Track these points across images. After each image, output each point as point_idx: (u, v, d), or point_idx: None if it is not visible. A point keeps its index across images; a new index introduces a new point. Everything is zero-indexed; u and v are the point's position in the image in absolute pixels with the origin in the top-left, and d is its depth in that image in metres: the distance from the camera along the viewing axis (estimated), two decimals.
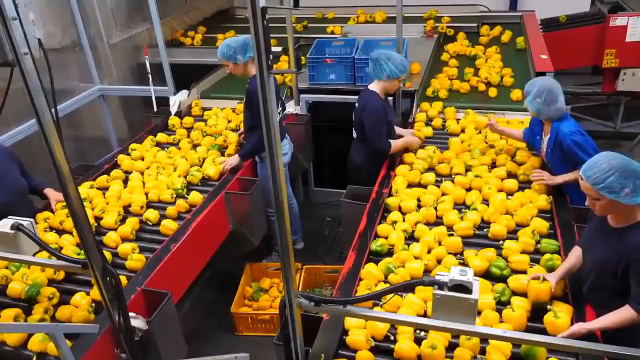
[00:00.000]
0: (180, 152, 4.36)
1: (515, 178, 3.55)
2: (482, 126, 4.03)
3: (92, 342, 2.53)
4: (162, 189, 3.77)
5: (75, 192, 2.16)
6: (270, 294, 4.38)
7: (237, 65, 3.95)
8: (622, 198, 2.14)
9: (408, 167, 3.79)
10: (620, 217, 2.29)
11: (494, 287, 2.66)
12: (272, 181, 1.83)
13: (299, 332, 2.21)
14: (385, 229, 3.16)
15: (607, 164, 2.17)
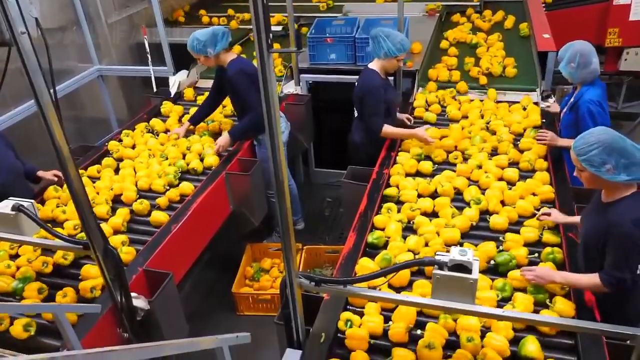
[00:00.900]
0: (170, 140, 4.21)
1: (516, 167, 3.44)
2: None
3: (95, 322, 2.55)
4: (154, 178, 3.68)
5: (75, 172, 2.17)
6: (271, 274, 4.41)
7: (209, 58, 3.93)
8: (603, 173, 2.18)
9: (407, 154, 3.71)
10: (608, 192, 2.33)
11: (494, 282, 2.56)
12: (272, 161, 1.83)
13: (300, 312, 2.23)
14: (382, 220, 3.07)
15: (594, 137, 2.20)
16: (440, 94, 4.50)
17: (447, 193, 3.23)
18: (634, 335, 1.80)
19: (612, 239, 2.22)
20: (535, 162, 3.44)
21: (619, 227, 2.19)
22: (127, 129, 4.37)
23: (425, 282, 2.55)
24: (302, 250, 4.34)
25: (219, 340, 2.27)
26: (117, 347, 1.54)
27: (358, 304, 2.54)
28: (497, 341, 2.23)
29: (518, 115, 4.03)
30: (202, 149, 4.03)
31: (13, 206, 2.41)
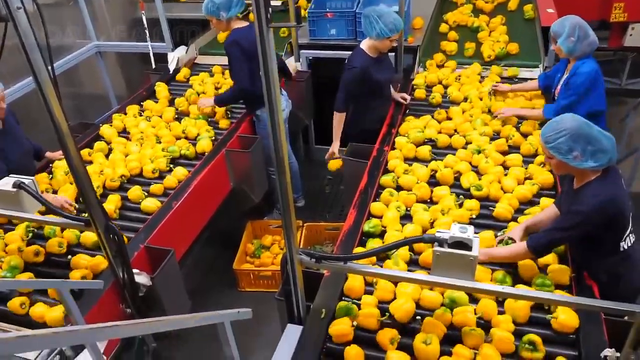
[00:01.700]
0: (162, 122, 4.13)
1: (517, 152, 3.34)
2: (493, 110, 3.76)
3: (97, 298, 2.58)
4: (145, 163, 3.58)
5: (74, 149, 2.16)
6: (271, 250, 4.44)
7: (221, 21, 3.89)
8: (571, 160, 2.20)
9: (405, 139, 3.56)
10: (577, 179, 2.36)
11: (494, 274, 2.48)
12: (273, 138, 1.82)
13: (300, 288, 2.25)
14: (379, 208, 2.97)
15: (562, 125, 2.21)
16: (442, 74, 4.40)
17: (445, 179, 3.14)
18: (632, 311, 1.82)
19: (567, 213, 2.31)
20: (539, 147, 3.30)
21: (582, 204, 2.23)
22: (121, 111, 4.32)
23: (422, 273, 2.46)
24: (302, 227, 4.36)
25: (220, 316, 2.29)
26: (119, 322, 1.55)
27: (354, 296, 2.45)
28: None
29: (521, 98, 3.93)
30: (196, 132, 3.94)
31: (14, 183, 2.41)
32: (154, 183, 3.45)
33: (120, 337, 2.59)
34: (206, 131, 3.95)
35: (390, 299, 2.38)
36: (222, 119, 4.17)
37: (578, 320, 2.16)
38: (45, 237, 2.99)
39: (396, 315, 2.26)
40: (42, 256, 2.89)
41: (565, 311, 2.19)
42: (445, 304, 2.31)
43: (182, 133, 3.96)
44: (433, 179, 3.20)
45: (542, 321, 2.24)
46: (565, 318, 2.17)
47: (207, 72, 4.85)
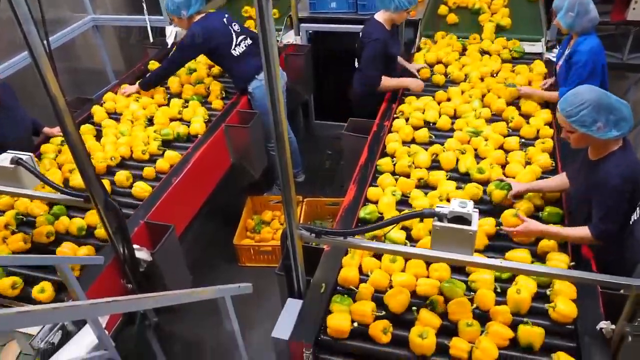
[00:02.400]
0: (153, 102, 4.01)
1: (517, 135, 3.25)
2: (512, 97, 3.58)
3: (98, 273, 2.59)
4: (137, 145, 3.48)
5: (72, 124, 2.15)
6: (271, 226, 4.45)
7: (182, 19, 3.89)
8: (594, 132, 2.18)
9: (403, 121, 3.49)
10: (596, 150, 2.33)
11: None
12: (272, 113, 1.80)
13: (300, 263, 2.26)
14: (376, 193, 2.89)
15: (581, 97, 2.19)
16: (443, 52, 4.27)
17: (444, 163, 3.05)
18: (627, 285, 1.83)
19: (602, 192, 2.26)
20: (542, 129, 3.25)
21: (610, 180, 2.22)
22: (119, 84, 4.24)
23: (419, 262, 2.41)
24: (302, 202, 4.37)
25: (221, 291, 2.31)
26: (120, 297, 1.57)
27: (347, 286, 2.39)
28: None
29: (523, 77, 3.80)
30: (190, 114, 3.84)
31: (12, 159, 2.41)
32: (146, 166, 3.34)
33: (121, 311, 2.62)
34: (198, 113, 3.84)
35: (385, 287, 2.33)
36: (215, 100, 4.06)
37: (576, 310, 2.13)
38: (33, 225, 2.91)
39: (390, 305, 2.23)
40: (29, 244, 2.84)
41: (563, 301, 2.15)
42: (444, 288, 2.27)
43: (179, 114, 3.86)
44: (434, 162, 3.12)
45: (540, 311, 2.20)
46: (564, 308, 2.12)
47: None
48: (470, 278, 2.32)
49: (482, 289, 2.24)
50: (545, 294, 2.25)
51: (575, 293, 2.20)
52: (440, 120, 3.44)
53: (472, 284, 2.29)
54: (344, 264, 2.47)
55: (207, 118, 3.84)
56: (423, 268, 2.39)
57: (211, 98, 4.11)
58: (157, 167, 3.35)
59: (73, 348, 2.33)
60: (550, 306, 2.16)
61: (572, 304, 2.15)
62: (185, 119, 3.83)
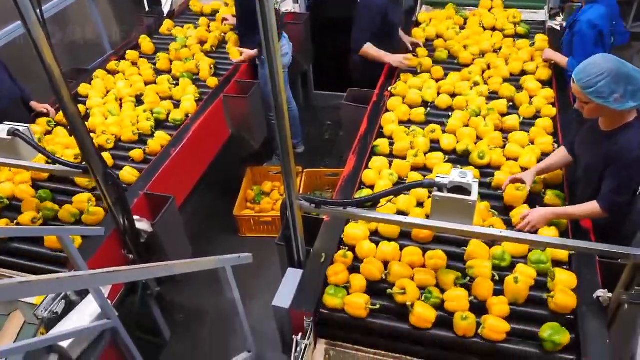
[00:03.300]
0: (141, 78, 3.87)
1: (517, 114, 3.16)
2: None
3: (99, 244, 2.60)
4: (126, 127, 3.37)
5: (69, 95, 2.12)
6: (271, 197, 4.46)
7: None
8: (611, 103, 2.09)
9: (399, 99, 3.39)
10: (610, 121, 2.26)
11: (492, 251, 2.32)
12: (271, 83, 1.78)
13: (300, 233, 2.27)
14: (371, 177, 2.79)
15: (599, 67, 2.09)
16: (443, 27, 4.12)
17: (445, 145, 2.96)
18: (626, 254, 1.85)
19: (619, 164, 2.19)
20: (543, 108, 3.16)
21: (630, 152, 2.15)
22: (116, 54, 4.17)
23: (415, 250, 2.35)
24: (302, 173, 4.36)
25: (221, 261, 2.32)
26: (121, 268, 1.57)
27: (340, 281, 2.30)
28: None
29: (525, 53, 3.69)
30: (182, 92, 3.73)
31: (9, 131, 2.39)
32: (136, 148, 3.23)
33: (122, 282, 2.64)
34: (190, 92, 3.72)
35: (379, 277, 2.28)
36: (209, 77, 3.94)
37: (575, 300, 2.08)
38: (19, 211, 2.84)
39: None
40: None
41: (562, 291, 2.10)
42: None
43: (169, 90, 3.74)
44: (433, 144, 3.02)
45: (539, 301, 2.16)
46: (563, 298, 2.07)
47: (191, 24, 4.61)
48: (468, 264, 2.27)
49: (479, 278, 2.19)
50: (544, 283, 2.20)
51: (576, 282, 2.14)
52: (438, 98, 3.35)
53: (470, 270, 2.24)
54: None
55: (197, 97, 3.73)
56: (419, 256, 2.32)
57: (203, 75, 3.97)
58: (149, 149, 3.23)
59: (76, 317, 2.36)
60: (549, 296, 2.12)
61: (572, 294, 2.09)
62: (176, 98, 3.71)
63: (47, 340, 2.06)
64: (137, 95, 3.74)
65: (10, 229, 2.63)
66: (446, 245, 2.41)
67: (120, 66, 4.09)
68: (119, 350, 2.55)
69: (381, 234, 2.49)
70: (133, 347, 2.46)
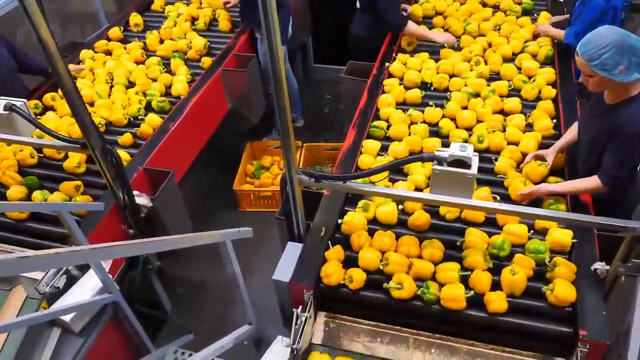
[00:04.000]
0: (129, 59, 3.75)
1: (518, 96, 3.05)
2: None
3: (99, 219, 2.61)
4: (116, 110, 3.27)
5: (65, 69, 2.10)
6: (271, 171, 4.46)
7: None
8: (616, 75, 2.07)
9: (396, 80, 3.27)
10: (614, 94, 2.24)
11: (492, 240, 2.25)
12: (270, 56, 1.76)
13: (300, 207, 2.27)
14: (367, 162, 2.72)
15: (604, 39, 2.05)
16: (443, 3, 3.94)
17: (443, 129, 2.86)
18: (624, 227, 1.85)
19: (622, 138, 2.16)
20: (543, 90, 3.04)
21: (633, 126, 2.12)
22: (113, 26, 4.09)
23: (412, 240, 2.28)
24: (301, 147, 4.35)
25: (221, 235, 2.33)
26: (121, 242, 1.58)
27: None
28: None
29: (526, 31, 3.54)
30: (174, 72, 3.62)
31: (5, 105, 2.37)
32: (126, 132, 3.14)
33: (122, 256, 2.66)
34: (182, 73, 3.61)
35: (376, 268, 2.22)
36: (203, 57, 3.80)
37: (575, 293, 2.03)
38: (5, 197, 2.78)
39: None
40: None
41: (562, 284, 2.04)
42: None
43: (160, 72, 3.62)
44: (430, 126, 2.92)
45: (537, 292, 2.10)
46: (562, 291, 2.02)
47: (183, 2, 4.50)
48: (463, 254, 2.21)
49: (477, 271, 2.12)
50: (542, 272, 2.15)
51: (574, 273, 2.10)
52: (436, 79, 3.20)
53: (466, 259, 2.18)
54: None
55: (190, 78, 3.61)
56: (416, 246, 2.26)
57: (191, 55, 3.83)
58: (140, 132, 3.15)
59: (78, 292, 2.38)
60: (547, 289, 2.06)
61: (571, 287, 2.04)
62: (166, 81, 3.58)
63: (50, 314, 2.08)
64: (128, 77, 3.62)
65: (10, 205, 2.63)
66: (444, 234, 2.35)
67: (110, 45, 3.97)
68: (120, 324, 2.59)
69: (379, 220, 2.42)
70: (135, 320, 2.49)
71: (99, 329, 2.43)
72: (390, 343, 2.14)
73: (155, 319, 3.33)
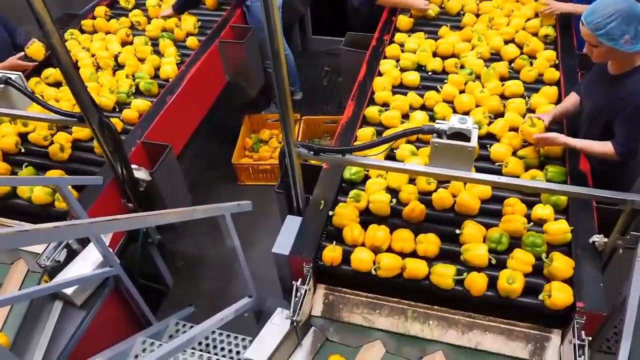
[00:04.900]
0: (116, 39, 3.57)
1: (518, 78, 2.92)
2: None
3: (98, 194, 2.61)
4: (104, 94, 3.13)
5: (60, 42, 2.06)
6: (270, 144, 4.44)
7: None
8: (621, 45, 2.03)
9: (392, 62, 3.11)
10: (618, 64, 2.21)
11: (489, 233, 2.16)
12: (267, 28, 1.73)
13: (299, 181, 2.27)
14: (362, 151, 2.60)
15: (610, 8, 2.02)
16: None
17: (440, 115, 2.73)
18: (624, 199, 1.85)
19: (629, 109, 2.14)
20: (546, 72, 2.91)
21: (637, 97, 2.10)
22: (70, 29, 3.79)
23: (406, 234, 2.20)
24: (300, 120, 4.33)
25: (220, 209, 2.33)
26: (120, 216, 1.57)
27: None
28: None
29: (528, 9, 3.38)
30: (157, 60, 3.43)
31: (0, 79, 2.34)
32: (114, 117, 2.94)
33: (121, 230, 2.66)
34: (171, 54, 3.46)
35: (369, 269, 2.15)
36: (189, 38, 3.64)
37: (572, 295, 1.96)
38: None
39: None
40: None
41: (559, 288, 1.97)
42: None
43: (151, 54, 3.48)
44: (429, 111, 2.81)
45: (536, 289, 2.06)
46: (559, 297, 1.95)
47: None
48: (463, 248, 2.14)
49: (473, 274, 2.06)
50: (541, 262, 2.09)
51: (573, 268, 2.03)
52: (433, 61, 3.07)
53: (465, 253, 2.12)
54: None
55: (179, 60, 3.46)
56: (411, 241, 2.18)
57: (179, 34, 3.66)
58: (125, 118, 3.03)
59: (79, 265, 2.40)
60: (545, 294, 1.99)
61: (568, 290, 1.97)
62: (156, 63, 3.42)
63: (52, 287, 2.10)
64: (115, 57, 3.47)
65: (8, 179, 2.62)
66: (440, 224, 2.29)
67: (96, 22, 3.80)
68: (122, 297, 2.61)
69: (371, 211, 2.33)
70: (136, 293, 2.51)
71: (100, 302, 2.46)
72: (389, 315, 2.17)
73: (156, 292, 3.37)
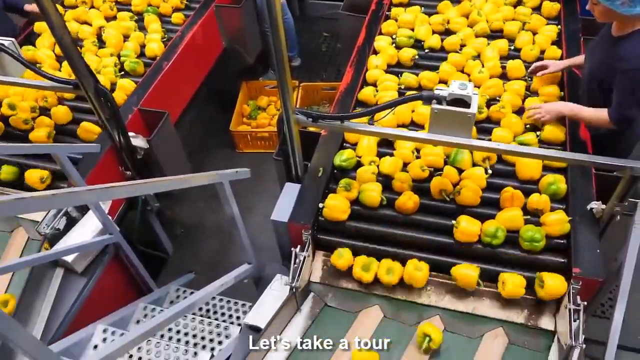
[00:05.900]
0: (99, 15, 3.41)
1: (519, 58, 2.78)
2: None
3: (96, 162, 2.60)
4: None
5: (53, 7, 2.02)
6: (268, 112, 4.41)
7: None
8: (618, 7, 2.03)
9: (389, 39, 2.98)
10: (620, 26, 2.19)
11: (484, 227, 2.10)
12: None
13: (298, 148, 2.26)
14: (355, 136, 2.51)
15: None
16: None
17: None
18: (623, 166, 1.85)
19: (622, 74, 2.13)
20: (548, 50, 2.80)
21: (630, 61, 2.09)
22: None
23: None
24: (298, 87, 4.28)
25: (219, 176, 2.32)
26: (118, 183, 1.57)
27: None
28: None
29: None
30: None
31: None
32: None
33: (119, 197, 2.66)
34: (156, 30, 3.32)
35: None
36: (174, 14, 3.48)
37: (565, 286, 1.95)
38: None
39: None
40: None
41: (552, 277, 1.98)
42: None
43: (135, 30, 3.33)
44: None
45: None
46: (552, 284, 1.96)
47: None
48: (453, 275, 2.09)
49: (465, 275, 2.05)
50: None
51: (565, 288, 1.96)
52: (431, 38, 2.94)
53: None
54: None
55: (165, 37, 3.31)
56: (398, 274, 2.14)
57: (165, 10, 3.49)
58: None
59: (78, 233, 2.41)
60: (538, 284, 2.00)
61: (561, 278, 1.97)
62: (141, 40, 3.28)
63: (52, 254, 2.11)
64: (98, 35, 3.33)
65: (7, 147, 2.60)
66: (433, 216, 2.23)
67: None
68: (122, 264, 2.63)
69: (361, 202, 2.26)
70: (136, 260, 2.53)
71: (101, 269, 2.48)
72: None
73: (156, 260, 3.39)
